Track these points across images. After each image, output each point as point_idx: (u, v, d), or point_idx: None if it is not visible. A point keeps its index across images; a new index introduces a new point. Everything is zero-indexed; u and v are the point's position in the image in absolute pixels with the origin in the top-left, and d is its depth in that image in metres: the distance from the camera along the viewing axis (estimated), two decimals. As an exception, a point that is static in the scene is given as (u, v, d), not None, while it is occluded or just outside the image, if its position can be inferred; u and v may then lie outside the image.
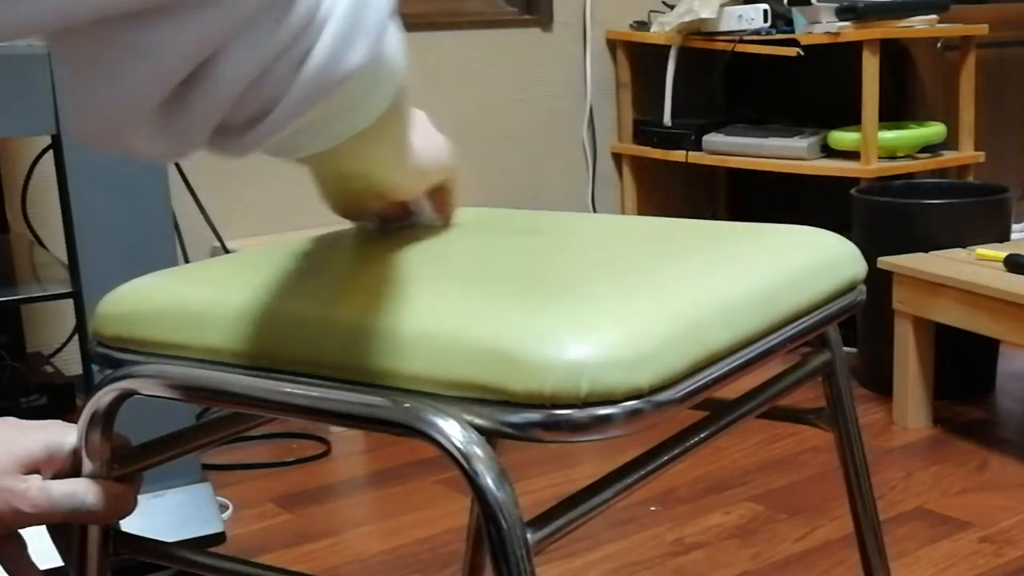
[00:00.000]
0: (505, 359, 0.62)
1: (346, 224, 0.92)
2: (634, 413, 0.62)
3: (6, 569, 0.84)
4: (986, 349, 2.38)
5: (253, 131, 0.54)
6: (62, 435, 0.80)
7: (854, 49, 2.51)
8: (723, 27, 2.76)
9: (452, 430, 0.62)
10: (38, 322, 2.32)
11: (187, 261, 2.27)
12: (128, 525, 0.82)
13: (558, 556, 1.72)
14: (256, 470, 2.11)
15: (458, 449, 0.61)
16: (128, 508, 0.80)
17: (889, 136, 2.60)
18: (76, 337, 2.16)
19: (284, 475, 2.10)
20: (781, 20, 2.70)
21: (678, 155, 2.89)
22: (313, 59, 0.52)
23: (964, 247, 2.21)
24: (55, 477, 0.79)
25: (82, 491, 0.78)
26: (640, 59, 3.02)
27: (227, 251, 2.30)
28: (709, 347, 0.69)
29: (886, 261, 2.17)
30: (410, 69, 0.63)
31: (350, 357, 0.67)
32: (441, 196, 0.92)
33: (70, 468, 0.80)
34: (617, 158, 3.10)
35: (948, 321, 2.08)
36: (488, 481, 0.61)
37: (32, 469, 0.79)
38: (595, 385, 0.61)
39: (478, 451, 0.61)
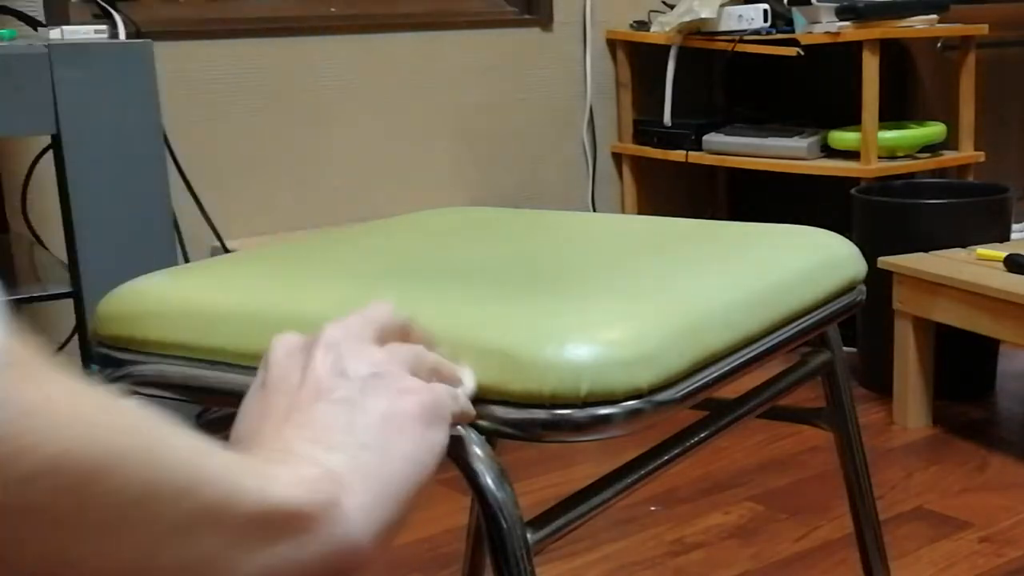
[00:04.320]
0: (505, 359, 0.62)
1: (345, 224, 0.92)
2: (634, 413, 0.62)
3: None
4: (986, 349, 2.38)
5: None
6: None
7: (854, 49, 2.51)
8: (723, 27, 2.76)
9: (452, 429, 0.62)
10: (38, 322, 2.32)
11: (187, 261, 2.27)
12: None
13: (558, 556, 1.72)
14: (256, 470, 2.11)
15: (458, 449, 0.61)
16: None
17: (889, 136, 2.60)
18: (76, 337, 2.16)
19: (284, 475, 2.10)
20: (781, 20, 2.70)
21: (678, 155, 2.89)
22: None
23: (964, 247, 2.21)
24: None
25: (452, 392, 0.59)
26: (640, 59, 3.02)
27: (227, 251, 2.30)
28: (709, 347, 0.69)
29: (886, 261, 2.17)
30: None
31: (350, 357, 0.67)
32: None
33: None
34: (617, 158, 3.09)
35: (948, 321, 2.08)
36: (488, 481, 0.61)
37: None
38: (595, 385, 0.61)
39: (478, 451, 0.61)
